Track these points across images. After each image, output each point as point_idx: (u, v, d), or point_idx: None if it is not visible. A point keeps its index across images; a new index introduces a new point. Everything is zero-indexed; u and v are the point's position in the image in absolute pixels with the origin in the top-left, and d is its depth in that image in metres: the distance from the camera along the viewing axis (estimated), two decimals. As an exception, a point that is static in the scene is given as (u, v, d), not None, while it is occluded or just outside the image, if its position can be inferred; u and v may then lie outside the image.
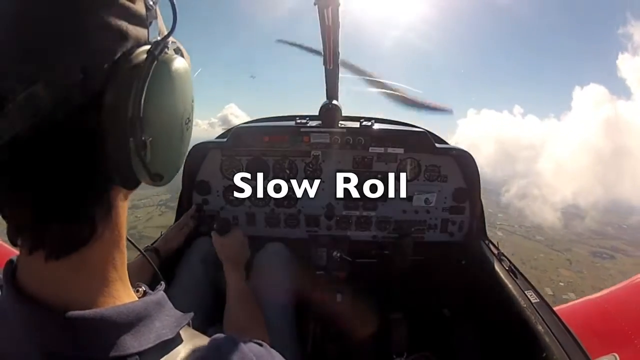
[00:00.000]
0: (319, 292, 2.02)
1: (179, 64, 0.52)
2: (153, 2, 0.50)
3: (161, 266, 1.64)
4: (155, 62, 0.47)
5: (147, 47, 0.48)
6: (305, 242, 2.22)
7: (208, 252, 1.72)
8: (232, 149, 2.08)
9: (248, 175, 2.12)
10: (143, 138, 0.47)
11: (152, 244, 1.77)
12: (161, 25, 0.53)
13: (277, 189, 2.15)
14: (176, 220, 2.13)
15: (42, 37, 0.41)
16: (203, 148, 2.10)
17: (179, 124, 0.54)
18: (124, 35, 0.46)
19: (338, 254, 2.12)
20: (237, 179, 2.12)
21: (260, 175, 2.13)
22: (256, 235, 2.22)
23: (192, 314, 0.61)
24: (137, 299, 0.58)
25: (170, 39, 0.51)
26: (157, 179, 0.53)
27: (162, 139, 0.51)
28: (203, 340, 0.58)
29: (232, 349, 0.57)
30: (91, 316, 0.48)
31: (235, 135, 2.05)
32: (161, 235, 1.88)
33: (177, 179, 2.16)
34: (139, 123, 0.46)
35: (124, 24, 0.46)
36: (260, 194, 2.16)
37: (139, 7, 0.48)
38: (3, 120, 0.40)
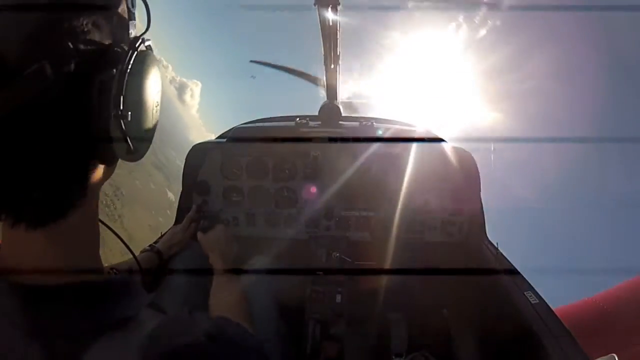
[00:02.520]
0: (318, 292, 2.02)
1: (152, 56, 0.64)
2: (132, 6, 0.62)
3: (163, 265, 1.64)
4: (135, 53, 0.58)
5: (128, 41, 0.60)
6: (304, 243, 2.21)
7: (197, 254, 1.73)
8: (232, 149, 2.07)
9: (248, 176, 2.12)
10: (123, 112, 0.55)
11: (154, 242, 1.77)
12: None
13: (277, 189, 2.15)
14: (176, 220, 2.13)
15: (45, 28, 0.50)
16: (203, 148, 2.09)
17: (152, 105, 0.65)
18: (109, 31, 0.57)
19: (337, 255, 2.11)
20: (236, 180, 2.12)
21: (260, 176, 2.13)
22: (256, 235, 2.22)
23: (159, 291, 0.67)
24: (106, 275, 0.64)
25: (145, 37, 0.63)
26: (131, 152, 0.61)
27: (138, 115, 0.60)
28: (162, 317, 0.64)
29: (182, 321, 0.66)
30: (54, 287, 0.53)
31: (235, 136, 2.05)
32: (161, 235, 1.87)
33: (178, 180, 2.17)
34: (121, 99, 0.55)
35: (110, 23, 0.57)
36: (260, 195, 2.15)
37: (122, 11, 0.60)
38: (10, 92, 0.47)
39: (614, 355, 1.00)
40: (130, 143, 0.59)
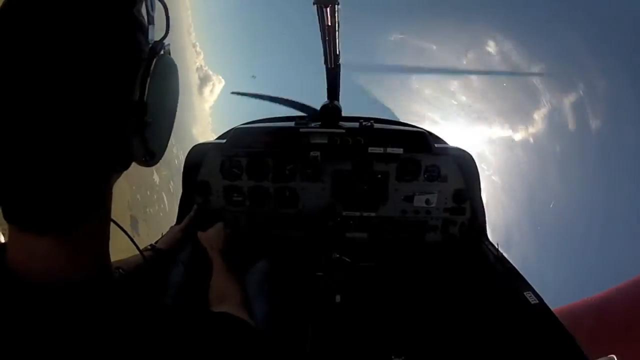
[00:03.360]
0: (317, 293, 2.02)
1: (172, 61, 0.64)
2: (151, 10, 0.62)
3: (162, 263, 1.65)
4: (155, 58, 0.58)
5: (148, 46, 0.59)
6: (304, 243, 2.21)
7: (195, 252, 1.74)
8: (232, 149, 2.07)
9: (248, 176, 2.12)
10: (145, 118, 0.56)
11: (155, 242, 1.77)
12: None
13: (277, 189, 2.15)
14: (178, 220, 2.13)
15: (60, 37, 0.48)
16: (203, 149, 2.09)
17: (171, 110, 0.66)
18: (132, 39, 0.56)
19: (337, 255, 2.11)
20: (237, 180, 2.12)
21: (260, 176, 2.13)
22: (256, 235, 2.22)
23: (159, 289, 0.68)
24: (113, 278, 0.66)
25: (165, 41, 0.63)
26: (150, 157, 0.62)
27: (158, 120, 0.60)
28: (164, 316, 0.64)
29: (184, 319, 0.65)
30: (63, 289, 0.53)
31: (235, 136, 2.05)
32: (162, 235, 1.88)
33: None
34: (142, 105, 0.55)
35: (134, 32, 0.56)
36: (260, 195, 2.15)
37: (141, 15, 0.58)
38: (25, 97, 0.47)
39: (613, 356, 1.00)
40: (149, 150, 0.60)
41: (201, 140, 2.44)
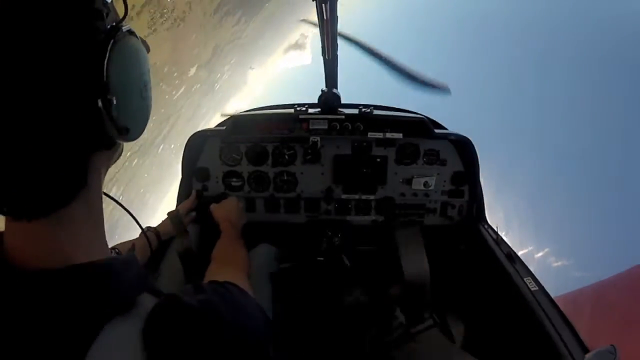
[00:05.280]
0: (319, 278, 2.03)
1: (131, 41, 0.65)
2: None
3: (160, 248, 1.66)
4: (112, 41, 0.59)
5: (105, 30, 0.60)
6: (305, 227, 2.23)
7: (194, 236, 1.78)
8: (231, 136, 2.07)
9: (247, 161, 2.12)
10: (108, 97, 0.57)
11: (155, 227, 1.79)
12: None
13: (276, 174, 2.15)
14: (177, 206, 2.14)
15: (22, 19, 0.50)
16: (202, 136, 2.09)
17: (138, 87, 0.67)
18: (89, 25, 0.57)
19: (338, 239, 2.12)
20: (236, 165, 2.12)
21: (259, 161, 2.13)
22: (256, 220, 2.23)
23: (157, 273, 0.69)
24: (109, 256, 0.65)
25: (124, 24, 0.63)
26: (125, 132, 0.63)
27: (124, 98, 0.61)
28: (158, 299, 0.64)
29: (190, 294, 0.67)
30: (56, 272, 0.54)
31: (234, 123, 2.05)
32: (162, 222, 1.88)
33: (178, 168, 2.16)
34: (104, 86, 0.56)
35: (90, 20, 0.57)
36: (259, 179, 2.16)
37: (99, 4, 0.59)
38: None
39: (614, 345, 1.01)
40: (121, 127, 0.61)
41: (249, 78, 2.35)
